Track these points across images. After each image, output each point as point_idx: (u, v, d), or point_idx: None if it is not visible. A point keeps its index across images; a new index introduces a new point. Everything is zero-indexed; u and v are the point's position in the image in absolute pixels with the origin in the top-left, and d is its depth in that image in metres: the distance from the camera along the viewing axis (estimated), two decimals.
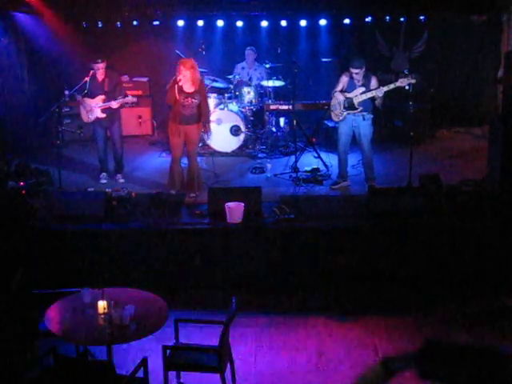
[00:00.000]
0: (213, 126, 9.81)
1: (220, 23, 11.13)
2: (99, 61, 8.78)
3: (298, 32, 11.60)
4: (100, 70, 8.81)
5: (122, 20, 10.79)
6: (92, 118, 8.96)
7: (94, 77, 8.84)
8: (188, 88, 8.15)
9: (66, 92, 8.81)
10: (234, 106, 10.34)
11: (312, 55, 11.82)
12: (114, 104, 8.86)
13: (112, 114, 9.00)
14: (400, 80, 8.34)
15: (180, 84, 8.03)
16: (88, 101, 8.90)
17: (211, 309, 6.66)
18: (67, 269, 7.04)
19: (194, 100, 8.18)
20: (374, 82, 8.54)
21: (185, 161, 8.65)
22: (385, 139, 10.63)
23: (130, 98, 8.98)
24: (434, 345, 1.91)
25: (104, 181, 9.07)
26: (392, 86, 8.38)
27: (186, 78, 8.03)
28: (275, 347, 6.25)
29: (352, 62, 8.49)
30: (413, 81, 8.29)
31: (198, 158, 8.98)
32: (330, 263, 7.25)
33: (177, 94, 8.06)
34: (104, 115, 8.92)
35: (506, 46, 10.54)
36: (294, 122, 9.70)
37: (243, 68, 11.00)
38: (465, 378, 1.83)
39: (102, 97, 8.85)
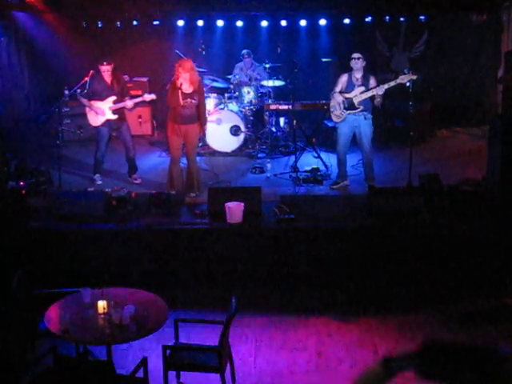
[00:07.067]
0: (213, 125, 9.82)
1: (220, 23, 11.14)
2: (105, 63, 8.66)
3: (297, 32, 11.61)
4: (107, 72, 8.68)
5: (122, 20, 10.80)
6: (102, 120, 8.81)
7: (100, 78, 8.73)
8: (186, 89, 8.18)
9: (66, 92, 8.73)
10: (233, 106, 10.33)
11: (312, 55, 11.82)
12: (130, 104, 8.80)
13: (121, 115, 8.91)
14: (400, 77, 8.32)
15: (181, 87, 8.09)
16: (98, 103, 8.76)
17: (211, 309, 6.65)
18: (67, 269, 7.03)
19: (192, 101, 8.20)
20: (372, 82, 8.53)
21: (184, 161, 8.65)
22: (385, 139, 10.62)
23: (148, 96, 8.86)
24: (433, 345, 1.91)
25: (99, 182, 8.98)
26: (392, 84, 8.37)
27: (186, 80, 8.07)
28: (275, 347, 6.25)
29: (352, 54, 8.50)
30: (413, 77, 8.28)
31: (198, 158, 8.97)
32: (330, 263, 7.26)
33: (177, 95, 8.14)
34: (115, 116, 8.81)
35: (506, 45, 10.55)
36: (294, 121, 9.70)
37: (242, 69, 11.00)
38: (465, 378, 1.83)
39: (113, 98, 8.75)
